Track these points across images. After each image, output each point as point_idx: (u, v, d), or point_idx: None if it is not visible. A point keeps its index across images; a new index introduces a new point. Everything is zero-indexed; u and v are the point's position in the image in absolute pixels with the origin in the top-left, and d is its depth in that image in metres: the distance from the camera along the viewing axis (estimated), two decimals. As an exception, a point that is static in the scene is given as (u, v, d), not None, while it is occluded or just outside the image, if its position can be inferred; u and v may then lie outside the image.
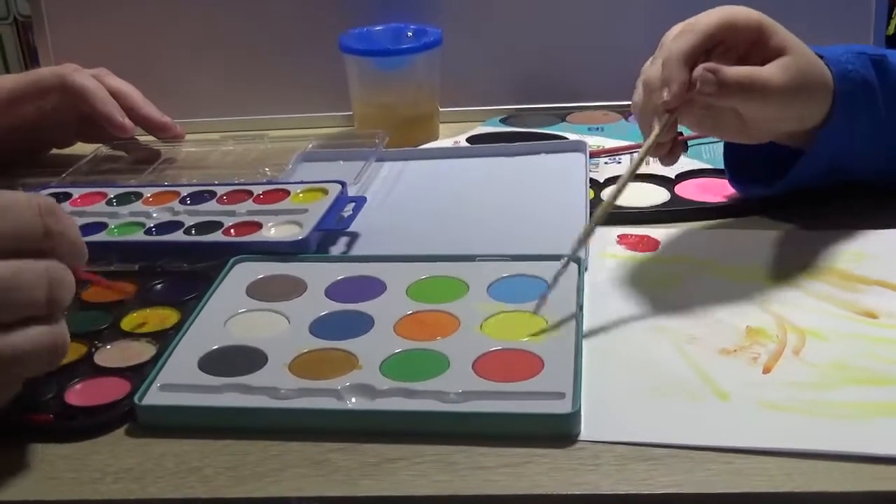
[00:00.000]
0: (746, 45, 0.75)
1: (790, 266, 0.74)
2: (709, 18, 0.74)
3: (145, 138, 1.05)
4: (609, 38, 1.10)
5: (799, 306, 0.69)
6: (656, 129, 0.73)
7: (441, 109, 1.07)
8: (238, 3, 1.11)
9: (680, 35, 0.74)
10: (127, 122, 0.99)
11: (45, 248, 0.55)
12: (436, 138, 1.05)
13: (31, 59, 1.34)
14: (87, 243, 0.59)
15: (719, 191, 0.87)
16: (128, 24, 1.13)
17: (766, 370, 0.63)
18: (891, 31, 1.35)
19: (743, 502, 0.53)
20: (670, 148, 0.76)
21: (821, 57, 0.76)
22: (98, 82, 1.00)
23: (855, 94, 0.76)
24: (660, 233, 0.81)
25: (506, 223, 0.83)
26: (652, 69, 0.75)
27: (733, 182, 0.85)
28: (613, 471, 0.55)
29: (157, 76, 1.12)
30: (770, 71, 0.73)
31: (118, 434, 0.60)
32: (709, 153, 0.94)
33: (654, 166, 0.91)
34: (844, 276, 0.72)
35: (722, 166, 0.87)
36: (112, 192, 0.89)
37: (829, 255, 0.75)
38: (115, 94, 1.00)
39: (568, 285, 0.70)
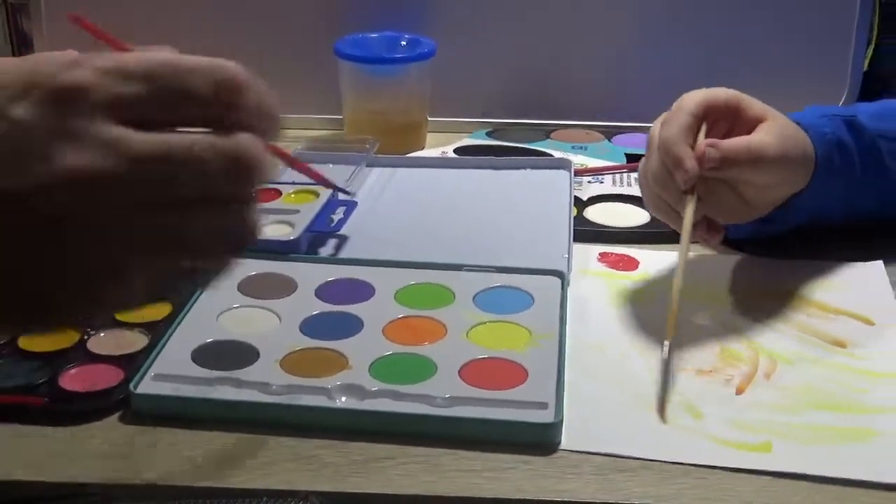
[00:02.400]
0: (728, 121, 0.77)
1: (765, 292, 0.77)
2: (692, 99, 0.76)
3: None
4: (596, 59, 1.12)
5: (772, 332, 0.72)
6: (688, 213, 0.72)
7: (429, 119, 1.09)
8: (237, 5, 1.12)
9: (670, 121, 0.75)
10: None
11: (233, 119, 0.45)
12: (423, 147, 1.07)
13: (20, 43, 1.34)
14: None
15: (698, 215, 0.89)
16: (125, 19, 1.14)
17: (740, 391, 0.65)
18: (866, 66, 1.38)
19: (713, 517, 0.56)
20: (707, 227, 0.76)
21: (797, 123, 0.79)
22: None
23: (832, 156, 0.78)
24: (639, 253, 0.83)
25: (490, 235, 0.85)
26: (650, 164, 0.76)
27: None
28: (592, 480, 0.57)
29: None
30: (758, 136, 0.75)
31: (112, 420, 0.62)
32: (689, 178, 0.97)
33: (634, 188, 0.94)
34: (817, 306, 0.75)
35: None
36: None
37: (804, 284, 0.78)
38: None
39: (552, 299, 0.73)
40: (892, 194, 0.82)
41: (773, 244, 0.83)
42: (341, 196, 0.80)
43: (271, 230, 0.82)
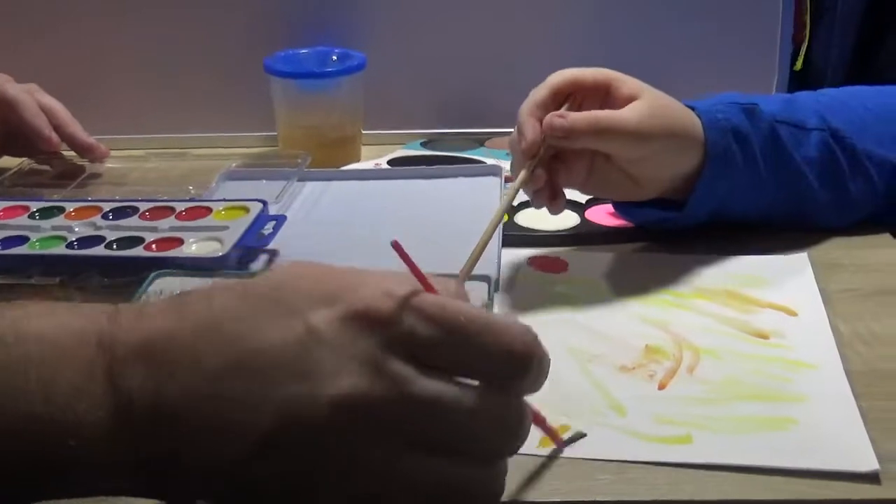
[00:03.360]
0: (598, 99, 0.80)
1: (690, 289, 0.78)
2: (556, 75, 0.80)
3: (70, 154, 1.06)
4: (527, 67, 1.12)
5: (695, 326, 0.73)
6: (522, 175, 0.76)
7: (363, 132, 1.10)
8: (165, 24, 1.13)
9: (530, 95, 0.80)
10: (54, 135, 1.01)
11: (523, 384, 0.47)
12: (358, 160, 1.08)
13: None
14: (8, 256, 0.59)
15: (627, 216, 0.90)
16: (58, 43, 1.14)
17: (662, 386, 0.66)
18: (798, 66, 1.40)
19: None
20: (549, 196, 0.79)
21: (692, 109, 0.81)
22: (29, 96, 1.01)
23: (727, 142, 0.80)
24: (569, 255, 0.84)
25: (421, 243, 0.84)
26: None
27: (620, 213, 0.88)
28: (513, 479, 0.57)
29: (84, 92, 1.13)
30: (620, 112, 0.77)
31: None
32: (619, 180, 0.98)
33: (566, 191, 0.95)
34: (739, 299, 0.77)
35: None
36: (35, 206, 0.90)
37: (726, 278, 0.79)
38: (43, 110, 1.02)
39: (479, 304, 0.73)
40: (798, 182, 0.83)
41: (696, 240, 0.85)
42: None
43: (201, 247, 0.82)
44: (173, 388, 0.43)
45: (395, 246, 0.47)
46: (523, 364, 0.46)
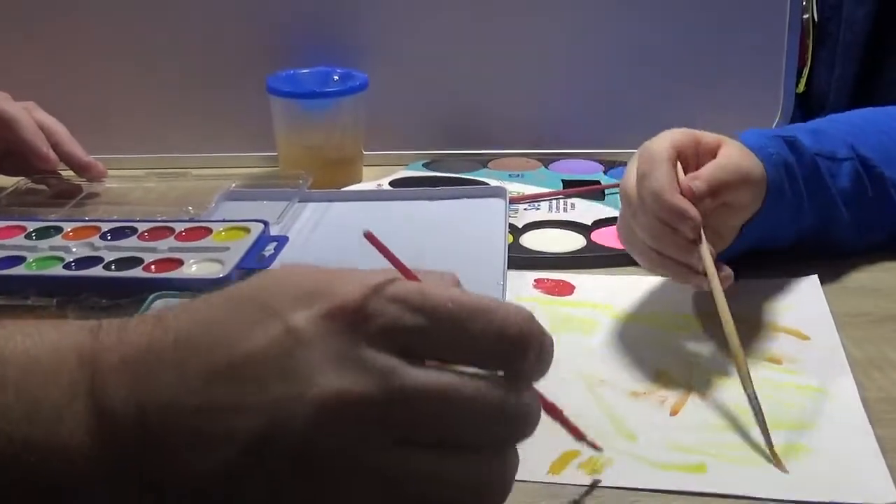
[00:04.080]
0: (691, 159, 0.75)
1: (700, 312, 0.77)
2: (661, 146, 0.73)
3: (68, 173, 1.04)
4: (531, 88, 1.12)
5: (707, 352, 0.72)
6: (708, 261, 0.70)
7: (365, 153, 1.08)
8: (167, 43, 1.11)
9: (650, 173, 0.72)
10: (52, 154, 0.99)
11: (523, 367, 0.44)
12: (359, 181, 1.06)
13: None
14: (4, 277, 0.58)
15: (634, 239, 0.89)
16: (57, 61, 1.13)
17: (674, 412, 0.65)
18: (801, 88, 1.40)
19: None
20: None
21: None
22: (27, 114, 1.00)
23: (780, 177, 0.78)
24: (575, 278, 0.83)
25: (425, 265, 0.83)
26: (638, 222, 0.73)
27: None
28: (524, 505, 0.56)
29: (84, 111, 1.11)
30: (725, 156, 0.74)
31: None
32: (625, 202, 0.97)
33: (571, 213, 0.94)
34: (752, 324, 0.75)
35: None
36: (32, 226, 0.88)
37: (739, 302, 0.77)
38: (41, 128, 1.00)
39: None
40: (830, 210, 0.82)
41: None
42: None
43: (201, 268, 0.81)
44: (157, 403, 0.42)
45: (369, 237, 0.46)
46: (520, 347, 0.44)
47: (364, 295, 0.43)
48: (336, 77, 1.07)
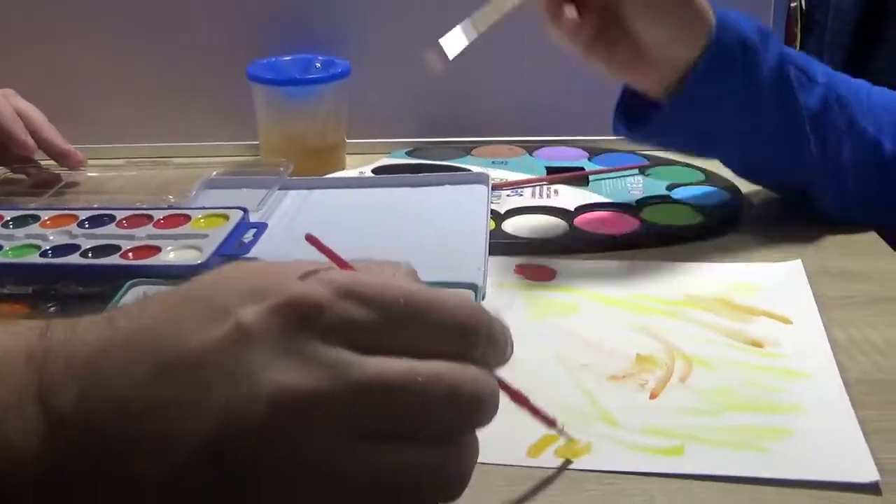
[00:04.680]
0: None
1: (681, 296, 0.76)
2: None
3: (48, 163, 1.03)
4: (515, 76, 1.12)
5: (688, 335, 0.71)
6: None
7: (348, 141, 1.08)
8: (147, 31, 1.11)
9: None
10: (29, 140, 0.99)
11: (475, 354, 0.44)
12: (342, 169, 1.06)
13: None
14: None
15: (617, 224, 0.89)
16: (36, 50, 1.12)
17: (653, 396, 0.64)
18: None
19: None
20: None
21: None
22: (5, 100, 0.99)
23: (732, 47, 0.79)
24: (557, 263, 0.82)
25: (407, 251, 0.82)
26: None
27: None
28: (502, 491, 0.55)
29: (65, 100, 1.11)
30: None
31: None
32: (609, 188, 0.96)
33: (554, 199, 0.94)
34: (732, 307, 0.75)
35: (620, 200, 0.92)
36: (8, 215, 0.87)
37: (718, 286, 0.78)
38: (20, 115, 1.00)
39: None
40: (794, 132, 0.82)
41: (688, 247, 0.83)
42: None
43: (179, 255, 0.80)
44: (105, 404, 0.41)
45: (310, 239, 0.46)
46: (469, 334, 0.43)
47: (314, 289, 0.42)
48: (318, 64, 1.06)
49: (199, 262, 0.78)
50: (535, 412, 0.53)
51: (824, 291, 0.76)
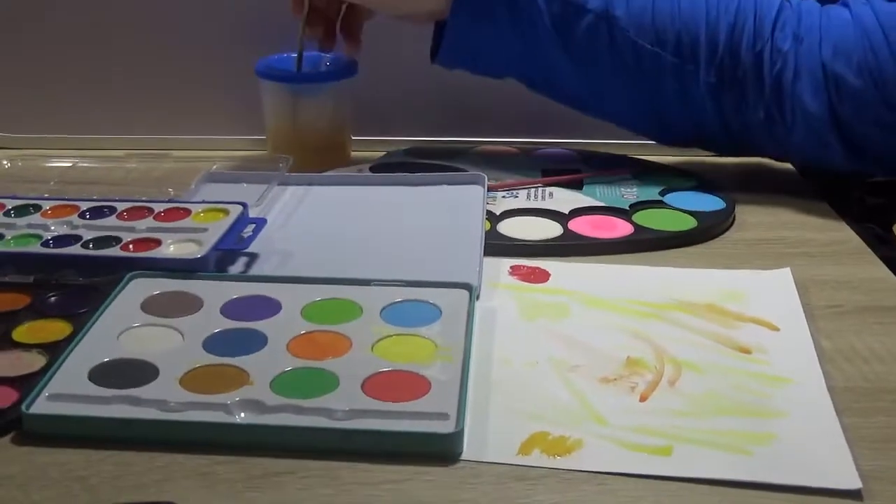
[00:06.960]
0: None
1: (672, 301, 0.78)
2: None
3: (49, 153, 1.04)
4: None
5: (678, 340, 0.72)
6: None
7: (354, 138, 1.09)
8: (156, 26, 1.11)
9: None
10: None
11: None
12: (347, 165, 1.06)
13: None
14: None
15: (611, 228, 0.90)
16: (39, 41, 1.12)
17: (643, 398, 0.65)
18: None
19: (613, 522, 0.55)
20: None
21: None
22: None
23: None
24: (551, 266, 0.83)
25: (402, 250, 0.85)
26: None
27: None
28: (492, 489, 0.57)
29: (69, 90, 1.12)
30: None
31: (3, 442, 0.60)
32: (603, 193, 0.97)
33: (549, 202, 0.95)
34: (721, 313, 0.76)
35: (613, 204, 0.94)
36: (10, 204, 0.88)
37: (708, 292, 0.79)
38: None
39: (459, 312, 0.72)
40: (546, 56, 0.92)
41: (679, 253, 0.85)
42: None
43: (179, 249, 0.81)
44: None
45: None
46: None
47: None
48: (326, 62, 1.07)
49: (198, 255, 0.79)
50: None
51: (812, 300, 0.78)
